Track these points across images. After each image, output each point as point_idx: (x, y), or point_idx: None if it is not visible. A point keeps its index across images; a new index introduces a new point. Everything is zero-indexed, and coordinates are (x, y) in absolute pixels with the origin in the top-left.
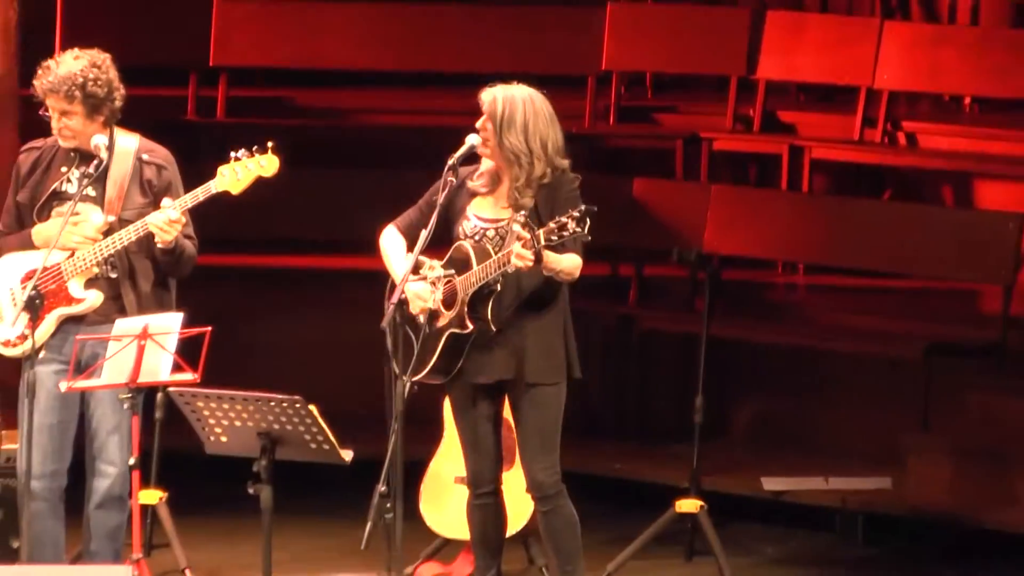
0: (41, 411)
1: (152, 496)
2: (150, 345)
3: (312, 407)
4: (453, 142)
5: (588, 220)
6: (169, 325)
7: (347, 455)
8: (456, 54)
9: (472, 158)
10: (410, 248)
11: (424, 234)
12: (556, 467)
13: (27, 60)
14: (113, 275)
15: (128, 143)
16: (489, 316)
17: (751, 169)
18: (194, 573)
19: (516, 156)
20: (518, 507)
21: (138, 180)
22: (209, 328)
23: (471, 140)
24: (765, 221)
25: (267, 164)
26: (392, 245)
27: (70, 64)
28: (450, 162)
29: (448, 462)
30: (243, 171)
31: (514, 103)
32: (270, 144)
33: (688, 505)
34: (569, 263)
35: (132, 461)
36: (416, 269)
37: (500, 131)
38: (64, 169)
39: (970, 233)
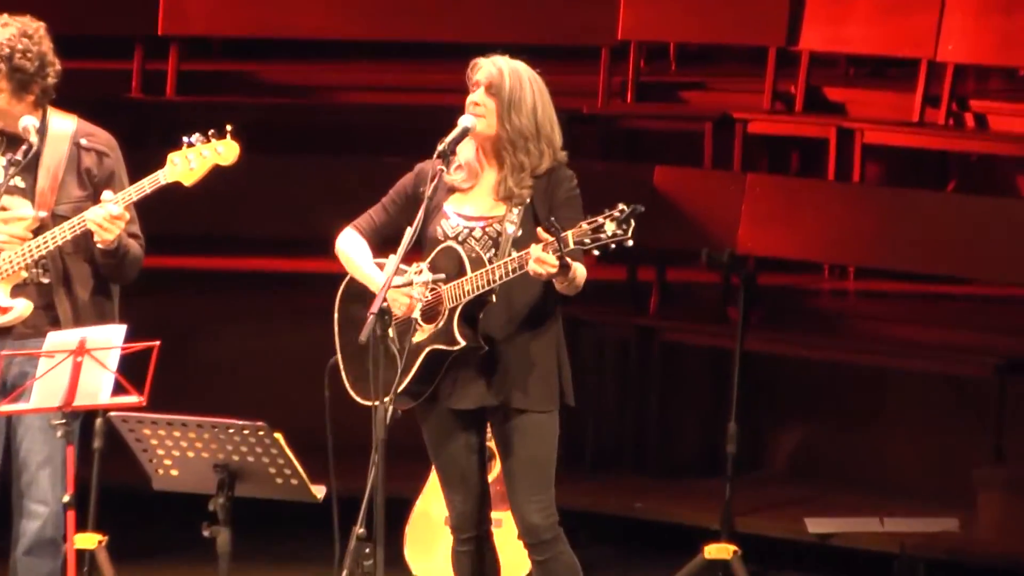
0: None
1: (90, 540)
2: (88, 362)
3: (278, 435)
4: (443, 124)
5: (633, 222)
6: (110, 339)
7: (319, 492)
8: (446, 22)
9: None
10: (374, 255)
11: (409, 232)
12: (552, 507)
13: None
14: (45, 280)
15: (63, 126)
16: (480, 332)
17: (793, 156)
18: None
19: (524, 140)
20: (520, 553)
21: (75, 169)
22: (157, 342)
23: (465, 122)
24: (809, 216)
25: (225, 150)
26: (356, 249)
27: None
28: (440, 148)
29: (438, 500)
30: (197, 159)
31: (521, 79)
32: (229, 127)
33: (719, 550)
34: (581, 273)
35: (66, 499)
36: (400, 274)
37: (507, 111)
38: None
39: None
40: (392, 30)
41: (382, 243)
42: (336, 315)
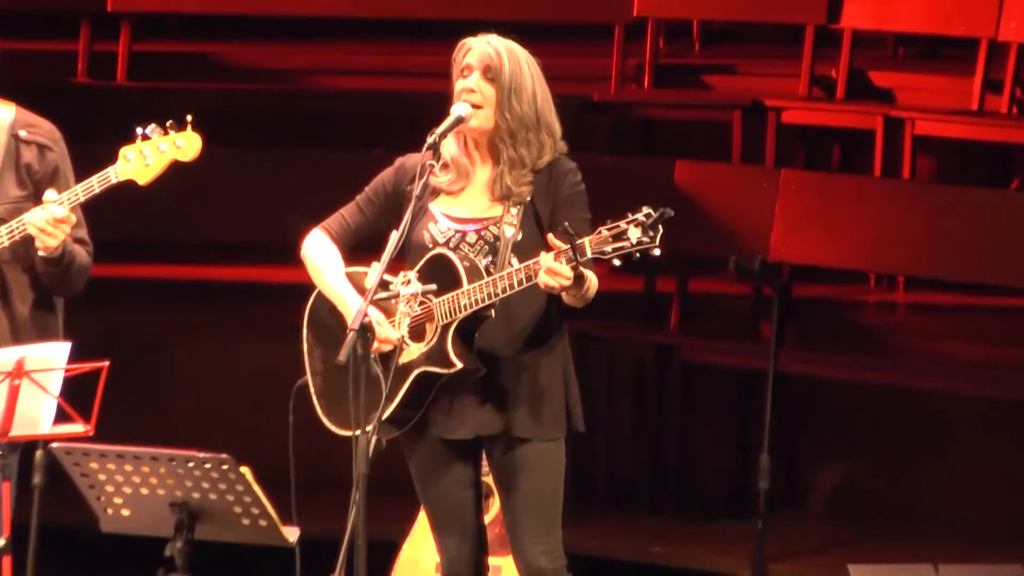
0: None
1: None
2: (27, 385)
3: (244, 469)
4: (433, 112)
5: (660, 228)
6: (52, 358)
7: (291, 534)
8: None
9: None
10: (347, 262)
11: (395, 237)
12: (559, 550)
13: None
14: None
15: (0, 115)
16: (477, 351)
17: (833, 149)
18: None
19: (524, 130)
20: None
21: (13, 165)
22: (106, 362)
23: (458, 110)
24: (852, 218)
25: (185, 144)
26: (325, 258)
27: None
28: (430, 140)
29: (427, 544)
30: (153, 154)
31: (519, 60)
32: (189, 117)
33: None
34: (594, 284)
35: (2, 542)
36: (384, 285)
37: (508, 98)
38: None
39: None
40: (375, 7)
41: (354, 248)
42: (305, 331)
